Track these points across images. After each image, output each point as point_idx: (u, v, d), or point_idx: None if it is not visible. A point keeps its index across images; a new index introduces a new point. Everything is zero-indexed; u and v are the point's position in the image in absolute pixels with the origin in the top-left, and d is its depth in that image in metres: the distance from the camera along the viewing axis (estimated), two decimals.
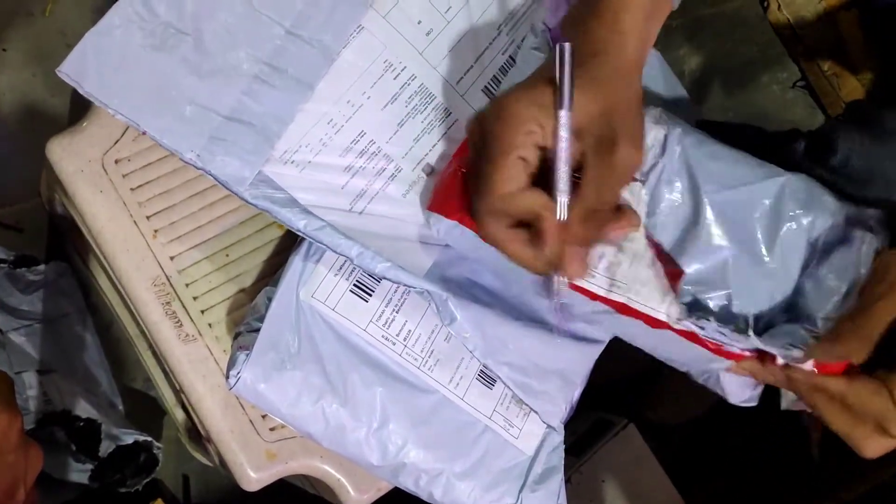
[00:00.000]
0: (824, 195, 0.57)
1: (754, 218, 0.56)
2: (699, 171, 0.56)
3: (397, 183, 0.52)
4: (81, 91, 0.46)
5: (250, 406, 0.55)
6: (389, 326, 0.52)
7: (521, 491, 0.55)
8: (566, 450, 0.58)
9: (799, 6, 0.94)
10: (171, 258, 0.55)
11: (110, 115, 0.54)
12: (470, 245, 0.50)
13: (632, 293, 0.52)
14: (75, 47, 0.45)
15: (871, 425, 0.46)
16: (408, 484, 0.53)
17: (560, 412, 0.56)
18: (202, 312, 0.55)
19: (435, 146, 0.54)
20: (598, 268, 0.52)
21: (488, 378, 0.55)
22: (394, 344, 0.52)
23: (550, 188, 0.45)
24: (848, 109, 0.63)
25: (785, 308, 0.57)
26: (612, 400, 0.91)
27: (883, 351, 0.47)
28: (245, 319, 0.52)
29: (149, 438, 0.75)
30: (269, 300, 0.50)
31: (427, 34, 0.53)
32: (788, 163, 0.60)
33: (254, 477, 0.55)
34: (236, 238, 0.57)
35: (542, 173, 0.46)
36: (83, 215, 0.54)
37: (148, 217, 0.55)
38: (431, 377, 0.53)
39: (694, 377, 0.56)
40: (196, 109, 0.47)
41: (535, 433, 0.56)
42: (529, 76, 0.48)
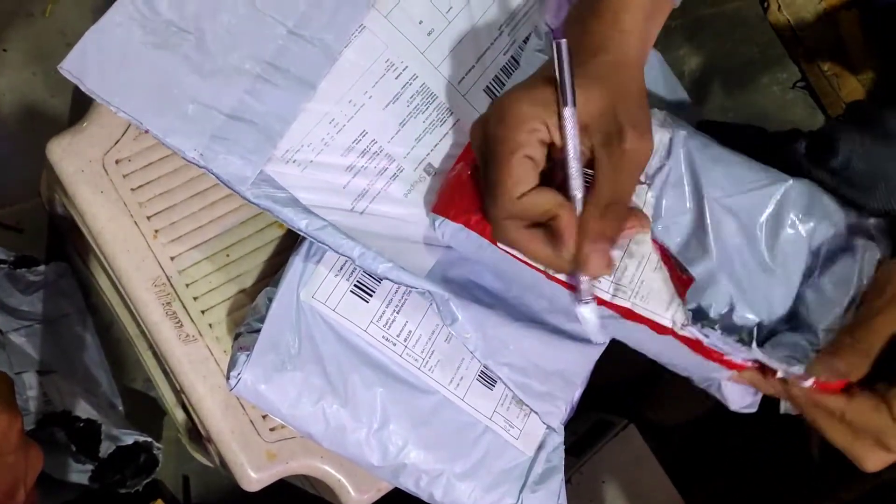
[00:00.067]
0: (826, 201, 0.57)
1: (757, 224, 0.56)
2: (703, 176, 0.56)
3: (399, 183, 0.52)
4: (83, 88, 0.45)
5: (251, 406, 0.55)
6: (390, 327, 0.52)
7: (522, 491, 0.55)
8: (566, 450, 0.58)
9: (799, 6, 0.94)
10: (172, 258, 0.55)
11: (111, 116, 0.54)
12: (474, 248, 0.50)
13: (637, 298, 0.52)
14: (77, 44, 0.45)
15: (871, 440, 0.46)
16: (408, 484, 0.53)
17: (560, 413, 0.56)
18: (202, 313, 0.55)
19: (437, 146, 0.54)
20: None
21: (489, 379, 0.55)
22: (394, 345, 0.52)
23: (562, 187, 0.45)
24: (849, 110, 0.63)
25: (787, 316, 0.57)
26: (613, 401, 0.91)
27: (882, 365, 0.46)
28: (245, 320, 0.52)
29: (149, 439, 0.75)
30: (270, 301, 0.50)
31: (428, 34, 0.53)
32: (789, 164, 0.60)
33: (254, 477, 0.55)
34: (237, 238, 0.57)
35: (551, 174, 0.46)
36: (83, 215, 0.54)
37: (148, 217, 0.54)
38: (432, 378, 0.53)
39: (696, 383, 0.56)
40: (198, 108, 0.47)
41: (536, 434, 0.56)
42: (528, 77, 0.48)
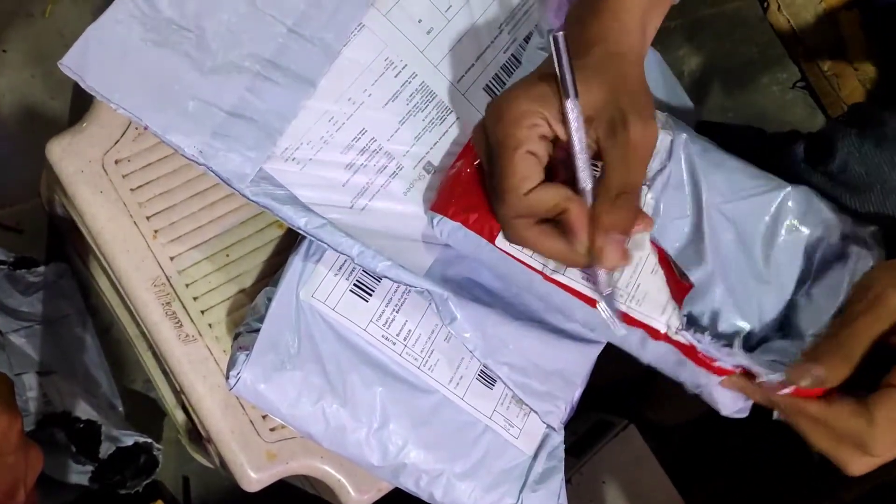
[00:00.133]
0: (823, 209, 0.57)
1: (754, 231, 0.56)
2: (703, 180, 0.56)
3: (399, 181, 0.52)
4: (83, 85, 0.45)
5: (250, 406, 0.55)
6: (389, 326, 0.52)
7: (522, 491, 0.54)
8: (566, 450, 0.58)
9: (799, 6, 0.94)
10: (172, 258, 0.55)
11: (110, 116, 0.54)
12: (472, 247, 0.50)
13: (633, 302, 0.52)
14: (77, 41, 0.45)
15: (853, 445, 0.45)
16: (408, 484, 0.53)
17: (560, 412, 0.56)
18: (202, 313, 0.55)
19: (436, 144, 0.54)
20: (591, 278, 0.51)
21: (488, 378, 0.54)
22: (394, 344, 0.52)
23: (568, 182, 0.45)
24: (850, 112, 0.63)
25: (780, 324, 0.57)
26: (613, 401, 0.91)
27: (862, 371, 0.46)
28: (245, 320, 0.52)
29: (149, 440, 0.75)
30: (269, 300, 0.50)
31: (428, 32, 0.53)
32: (787, 167, 0.60)
33: (254, 477, 0.55)
34: (236, 238, 0.57)
35: (555, 171, 0.46)
36: (83, 216, 0.54)
37: (148, 217, 0.54)
38: (431, 377, 0.53)
39: (687, 388, 0.56)
40: (198, 105, 0.47)
41: (536, 433, 0.56)
42: (525, 76, 0.48)
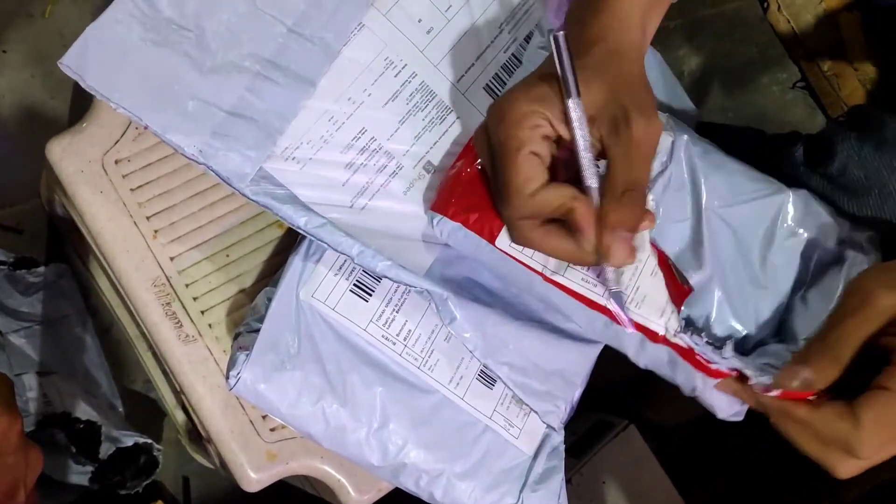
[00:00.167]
0: (822, 214, 0.57)
1: (753, 235, 0.56)
2: (703, 183, 0.56)
3: (399, 180, 0.52)
4: (83, 84, 0.45)
5: (250, 406, 0.55)
6: (389, 326, 0.52)
7: (522, 491, 0.54)
8: (567, 450, 0.58)
9: (799, 7, 0.94)
10: (171, 259, 0.55)
11: (110, 116, 0.54)
12: (472, 247, 0.50)
13: (632, 304, 0.52)
14: (76, 41, 0.45)
15: (840, 449, 0.45)
16: (408, 484, 0.53)
17: (560, 412, 0.56)
18: (202, 313, 0.55)
19: (436, 144, 0.54)
20: (599, 276, 0.52)
21: (488, 378, 0.54)
22: (394, 344, 0.52)
23: (572, 181, 0.45)
24: (850, 114, 0.63)
25: (776, 328, 0.57)
26: (613, 401, 0.91)
27: (852, 373, 0.45)
28: (245, 320, 0.52)
29: (149, 440, 0.75)
30: (269, 300, 0.50)
31: (428, 32, 0.53)
32: (787, 168, 0.60)
33: (254, 478, 0.55)
34: (236, 238, 0.57)
35: (558, 170, 0.46)
36: (83, 216, 0.54)
37: (148, 217, 0.54)
38: (431, 377, 0.53)
39: (684, 391, 0.56)
40: (198, 105, 0.47)
41: (536, 433, 0.56)
42: (524, 77, 0.47)
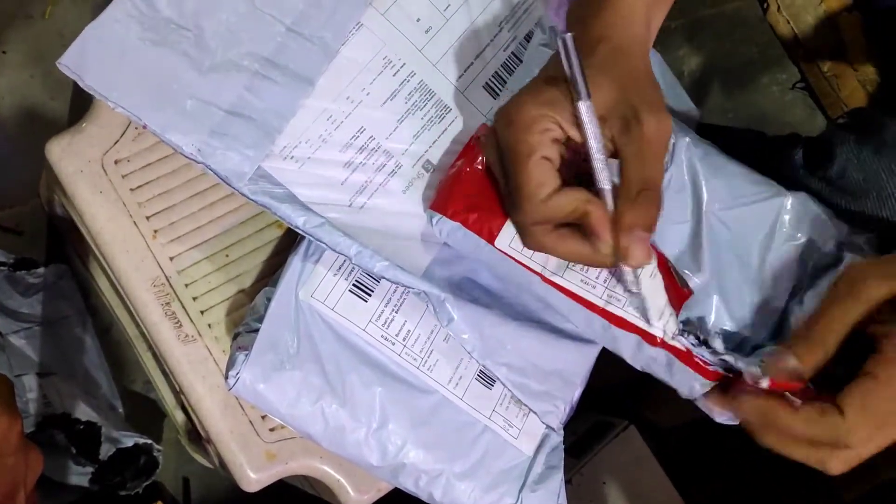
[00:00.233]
0: (821, 216, 0.57)
1: (752, 238, 0.56)
2: (704, 186, 0.56)
3: (398, 179, 0.52)
4: (82, 84, 0.45)
5: (250, 406, 0.55)
6: (389, 326, 0.52)
7: (521, 491, 0.54)
8: (566, 451, 0.58)
9: (799, 7, 0.94)
10: (171, 259, 0.55)
11: (110, 116, 0.54)
12: (471, 247, 0.50)
13: (631, 307, 0.52)
14: (75, 41, 0.45)
15: (828, 445, 0.45)
16: (407, 484, 0.53)
17: (559, 412, 0.56)
18: (202, 313, 0.55)
19: (435, 143, 0.54)
20: (599, 278, 0.51)
21: (488, 378, 0.54)
22: (393, 344, 0.52)
23: (584, 184, 0.45)
24: (850, 117, 0.63)
25: (774, 330, 0.57)
26: (612, 402, 0.91)
27: (837, 366, 0.45)
28: (244, 320, 0.52)
29: (149, 441, 0.75)
30: (269, 300, 0.50)
31: (426, 31, 0.54)
32: (786, 170, 0.60)
33: (253, 478, 0.55)
34: (236, 238, 0.56)
35: (567, 172, 0.46)
36: (83, 216, 0.54)
37: (147, 217, 0.54)
38: (431, 377, 0.53)
39: (681, 393, 0.56)
40: (197, 104, 0.47)
41: (535, 433, 0.56)
42: (530, 81, 0.47)
